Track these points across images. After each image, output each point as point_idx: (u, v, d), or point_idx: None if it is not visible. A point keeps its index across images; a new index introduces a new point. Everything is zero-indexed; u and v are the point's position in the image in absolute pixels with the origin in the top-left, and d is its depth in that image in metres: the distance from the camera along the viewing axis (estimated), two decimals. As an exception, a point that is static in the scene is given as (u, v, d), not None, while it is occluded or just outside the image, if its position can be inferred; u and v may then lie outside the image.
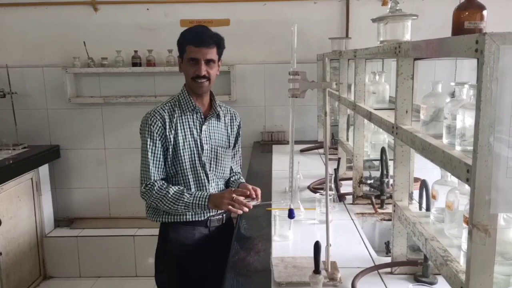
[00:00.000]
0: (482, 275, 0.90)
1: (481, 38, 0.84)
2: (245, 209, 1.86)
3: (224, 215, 2.06)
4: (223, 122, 2.08)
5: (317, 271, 1.37)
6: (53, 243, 3.84)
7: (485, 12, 1.19)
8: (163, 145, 1.94)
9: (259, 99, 3.94)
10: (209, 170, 2.00)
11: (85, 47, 3.75)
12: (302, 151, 3.44)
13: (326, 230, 1.52)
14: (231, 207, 1.86)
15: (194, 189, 1.97)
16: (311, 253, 1.40)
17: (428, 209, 1.44)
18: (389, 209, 2.10)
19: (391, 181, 1.92)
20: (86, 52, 3.76)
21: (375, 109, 1.91)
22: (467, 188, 0.98)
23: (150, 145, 1.92)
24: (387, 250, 1.88)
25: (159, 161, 1.94)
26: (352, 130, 2.40)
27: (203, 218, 2.00)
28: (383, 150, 2.11)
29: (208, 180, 2.00)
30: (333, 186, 2.29)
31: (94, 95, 3.92)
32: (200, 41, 1.89)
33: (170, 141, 1.94)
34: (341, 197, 2.31)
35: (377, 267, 1.56)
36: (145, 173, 1.93)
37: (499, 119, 0.84)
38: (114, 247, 3.81)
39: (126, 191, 4.00)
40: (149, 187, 1.91)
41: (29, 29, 3.85)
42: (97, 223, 4.05)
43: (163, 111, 1.95)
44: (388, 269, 1.55)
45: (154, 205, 1.94)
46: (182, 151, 1.95)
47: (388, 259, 1.60)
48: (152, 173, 1.92)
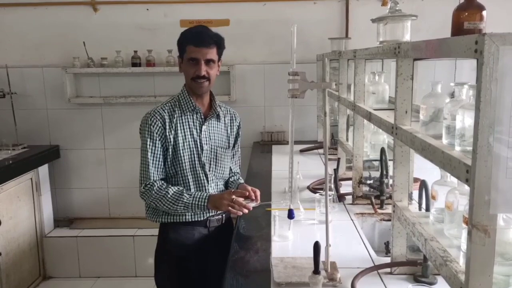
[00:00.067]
0: (482, 275, 0.90)
1: (480, 39, 0.84)
2: (245, 211, 1.86)
3: (224, 215, 2.06)
4: (223, 123, 2.08)
5: (316, 271, 1.37)
6: (53, 243, 3.83)
7: (484, 12, 1.19)
8: (162, 145, 1.94)
9: (258, 99, 3.93)
10: (209, 171, 2.00)
11: (85, 47, 3.75)
12: (301, 151, 3.44)
13: (325, 230, 1.53)
14: (231, 208, 1.86)
15: (193, 189, 1.97)
16: (311, 253, 1.40)
17: (427, 209, 1.44)
18: (388, 209, 2.10)
19: (390, 181, 1.92)
20: (86, 52, 3.76)
21: (374, 110, 1.91)
22: (466, 188, 0.98)
23: (149, 145, 1.92)
24: (387, 251, 1.88)
25: (158, 161, 1.93)
26: (351, 131, 2.40)
27: (202, 219, 2.00)
28: (382, 151, 2.11)
29: (207, 181, 1.99)
30: (332, 186, 2.29)
31: (94, 95, 3.92)
32: (200, 41, 1.89)
33: (170, 141, 1.94)
34: (340, 198, 2.31)
35: (376, 267, 1.57)
36: (144, 173, 1.93)
37: (498, 120, 0.84)
38: (113, 247, 3.81)
39: (126, 191, 4.00)
40: (148, 187, 1.91)
41: (29, 29, 3.85)
42: (97, 223, 4.05)
43: (163, 111, 1.95)
44: (388, 270, 1.55)
45: (154, 205, 1.93)
46: (182, 152, 1.94)
47: (387, 260, 1.60)
48: (152, 173, 1.92)
